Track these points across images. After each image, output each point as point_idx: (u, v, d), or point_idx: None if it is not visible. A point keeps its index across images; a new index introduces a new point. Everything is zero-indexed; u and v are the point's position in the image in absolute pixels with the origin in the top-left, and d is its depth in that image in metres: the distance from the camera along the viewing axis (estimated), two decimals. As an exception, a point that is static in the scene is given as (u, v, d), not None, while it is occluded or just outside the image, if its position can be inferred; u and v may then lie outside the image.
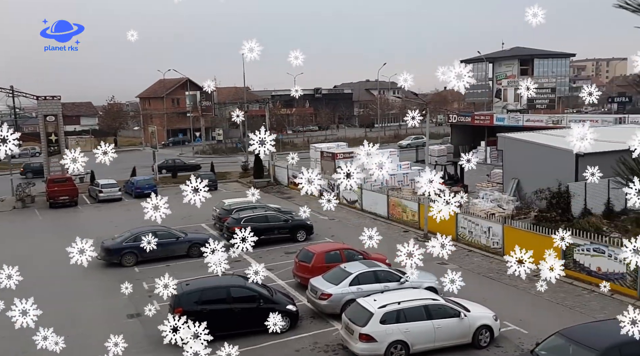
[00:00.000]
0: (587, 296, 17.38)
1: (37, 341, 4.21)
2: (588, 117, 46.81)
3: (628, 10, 2.30)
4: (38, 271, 20.89)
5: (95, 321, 16.66)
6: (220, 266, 3.41)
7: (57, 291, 19.20)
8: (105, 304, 18.30)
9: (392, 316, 13.63)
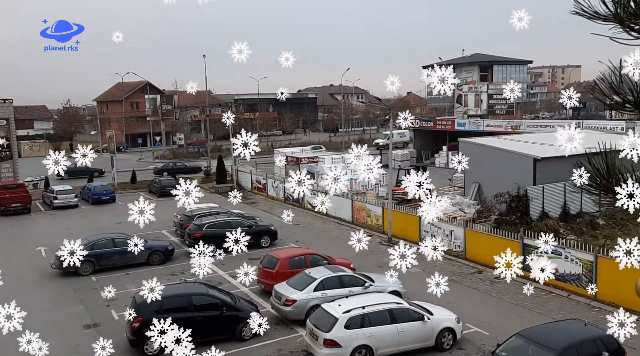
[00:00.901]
0: (546, 297, 17.81)
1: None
2: (545, 123, 48.42)
3: (584, 17, 2.27)
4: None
5: (49, 332, 15.90)
6: (204, 268, 3.25)
7: (9, 302, 18.28)
8: (61, 314, 17.57)
9: (356, 321, 13.60)
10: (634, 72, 2.44)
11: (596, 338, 12.05)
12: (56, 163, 2.96)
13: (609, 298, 16.46)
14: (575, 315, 15.51)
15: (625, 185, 1.89)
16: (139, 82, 76.55)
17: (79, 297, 19.26)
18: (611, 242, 20.69)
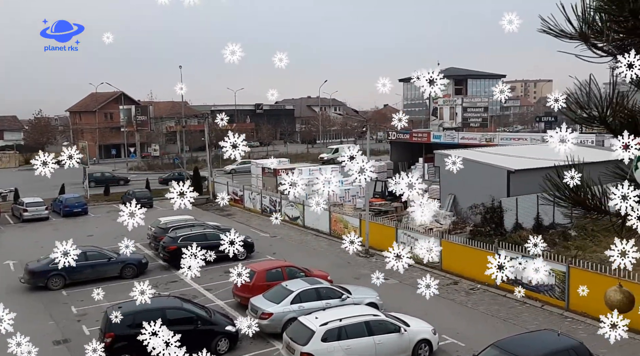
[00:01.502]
0: (520, 307, 18.03)
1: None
2: (518, 136, 49.41)
3: (551, 35, 2.34)
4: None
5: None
6: (193, 270, 3.18)
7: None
8: (30, 330, 16.94)
9: (333, 333, 13.53)
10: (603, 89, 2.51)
11: (569, 348, 12.25)
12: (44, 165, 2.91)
13: (581, 309, 16.75)
14: (548, 325, 15.73)
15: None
16: (113, 93, 75.57)
17: (49, 312, 18.72)
18: (583, 253, 21.13)
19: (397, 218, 28.85)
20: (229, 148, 2.80)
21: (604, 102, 2.45)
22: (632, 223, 2.92)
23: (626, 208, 2.79)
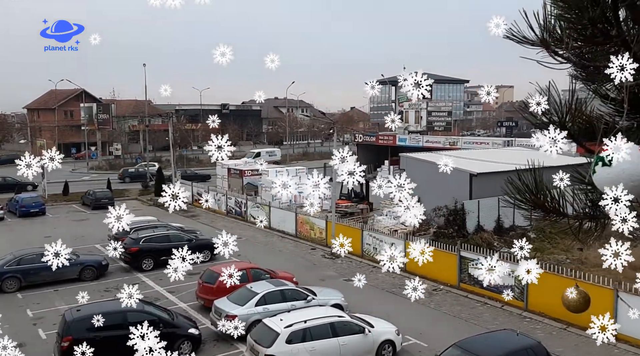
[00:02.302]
0: (481, 308, 18.43)
1: None
2: (480, 140, 50.60)
3: (514, 41, 2.39)
4: None
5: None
6: (178, 272, 3.08)
7: None
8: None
9: (298, 335, 13.51)
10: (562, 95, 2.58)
11: (527, 347, 12.60)
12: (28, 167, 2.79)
13: (539, 309, 17.26)
14: (508, 325, 16.13)
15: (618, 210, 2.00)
16: (73, 90, 73.34)
17: (3, 315, 18.00)
18: (541, 254, 21.78)
19: (363, 219, 29.07)
20: (214, 150, 2.76)
21: (564, 108, 2.52)
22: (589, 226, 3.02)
23: (582, 210, 2.88)
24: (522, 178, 2.83)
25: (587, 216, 2.93)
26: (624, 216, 2.00)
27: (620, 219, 2.00)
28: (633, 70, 2.04)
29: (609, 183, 2.06)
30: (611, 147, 2.02)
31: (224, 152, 2.74)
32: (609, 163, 2.01)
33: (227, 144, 2.74)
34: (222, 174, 41.21)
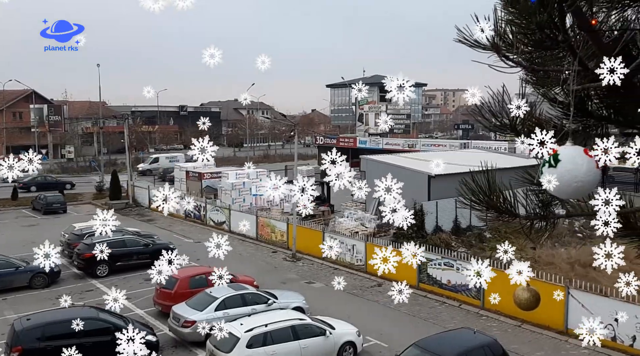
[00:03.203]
0: (439, 307, 18.78)
1: None
2: (438, 142, 51.70)
3: (466, 45, 2.43)
4: None
5: None
6: (162, 275, 2.97)
7: None
8: None
9: (258, 339, 13.39)
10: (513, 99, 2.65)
11: (484, 344, 12.93)
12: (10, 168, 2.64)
13: (495, 307, 17.72)
14: (465, 323, 16.49)
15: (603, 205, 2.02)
16: (23, 91, 70.43)
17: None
18: (496, 253, 22.40)
19: (324, 221, 29.14)
20: (197, 152, 2.69)
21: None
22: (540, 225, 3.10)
23: (533, 210, 2.96)
24: (476, 180, 2.89)
25: (537, 216, 3.02)
26: (606, 219, 2.04)
27: (602, 222, 2.04)
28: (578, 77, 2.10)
29: (555, 183, 2.11)
30: (557, 149, 2.08)
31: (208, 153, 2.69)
32: (555, 164, 2.07)
33: (210, 147, 2.69)
34: (180, 177, 40.47)
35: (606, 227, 2.04)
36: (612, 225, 2.04)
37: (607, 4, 2.68)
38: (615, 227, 2.03)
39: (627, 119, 2.81)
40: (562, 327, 15.96)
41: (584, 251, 20.35)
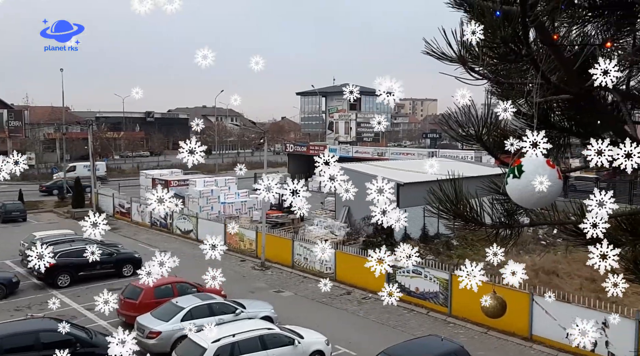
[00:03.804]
0: (408, 315, 18.92)
1: None
2: (407, 150, 52.35)
3: (434, 58, 2.47)
4: None
5: None
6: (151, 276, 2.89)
7: None
8: None
9: (226, 350, 13.19)
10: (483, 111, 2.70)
11: (451, 351, 13.08)
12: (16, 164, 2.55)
13: (462, 314, 17.97)
14: (433, 330, 16.65)
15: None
16: (-19, 95, 68.04)
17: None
18: (463, 261, 22.77)
19: (293, 230, 29.04)
20: (186, 155, 2.64)
21: (480, 122, 2.64)
22: (505, 234, 3.16)
23: (499, 219, 3.02)
24: (443, 189, 2.93)
25: (503, 225, 3.08)
26: (594, 221, 2.07)
27: (590, 225, 2.07)
28: (541, 89, 2.16)
29: (518, 193, 2.16)
30: (521, 160, 2.13)
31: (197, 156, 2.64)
32: (519, 175, 2.11)
33: (200, 151, 2.65)
34: (146, 185, 39.71)
35: (594, 229, 2.07)
36: (600, 227, 2.07)
37: (568, 20, 2.77)
38: (604, 228, 2.06)
39: (587, 130, 2.91)
40: (526, 333, 16.29)
41: (548, 259, 20.89)
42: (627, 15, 2.68)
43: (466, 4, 2.48)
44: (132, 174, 56.77)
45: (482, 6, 2.27)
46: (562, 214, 3.05)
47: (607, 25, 2.77)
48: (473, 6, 2.35)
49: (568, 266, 19.76)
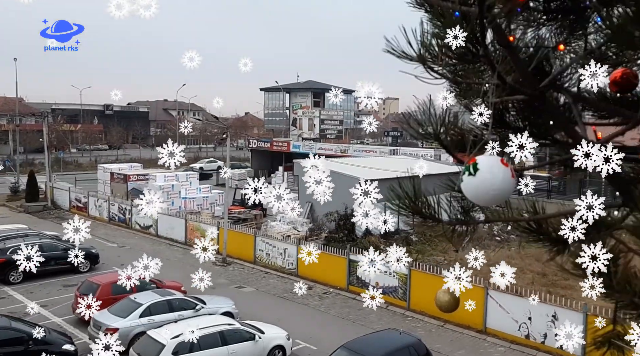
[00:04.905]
0: (367, 309, 19.13)
1: None
2: (369, 148, 52.81)
3: (394, 56, 2.50)
4: None
5: None
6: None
7: None
8: None
9: (185, 346, 13.03)
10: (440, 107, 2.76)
11: (409, 344, 13.34)
12: None
13: (419, 308, 18.34)
14: (392, 324, 16.94)
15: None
16: None
17: None
18: (422, 256, 23.21)
19: (256, 225, 28.88)
20: (165, 156, 2.58)
21: (438, 120, 2.70)
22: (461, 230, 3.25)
23: (455, 216, 3.09)
24: (403, 186, 2.98)
25: (459, 222, 3.16)
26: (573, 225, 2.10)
27: (569, 228, 2.10)
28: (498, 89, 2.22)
29: (473, 191, 2.22)
30: (476, 158, 2.19)
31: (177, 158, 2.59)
32: (474, 173, 2.17)
33: (179, 153, 2.60)
34: (104, 179, 38.65)
35: (573, 232, 2.10)
36: (578, 231, 2.10)
37: (524, 22, 2.86)
38: (583, 229, 2.09)
39: (540, 130, 3.01)
40: (481, 326, 16.79)
41: (501, 254, 21.54)
42: (579, 19, 2.79)
43: (427, 4, 2.53)
44: (90, 168, 55.12)
45: (441, 6, 2.32)
46: (515, 211, 3.15)
47: (561, 29, 2.88)
48: (433, 6, 2.40)
49: (521, 261, 20.44)
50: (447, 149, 2.81)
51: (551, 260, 3.23)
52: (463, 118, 2.85)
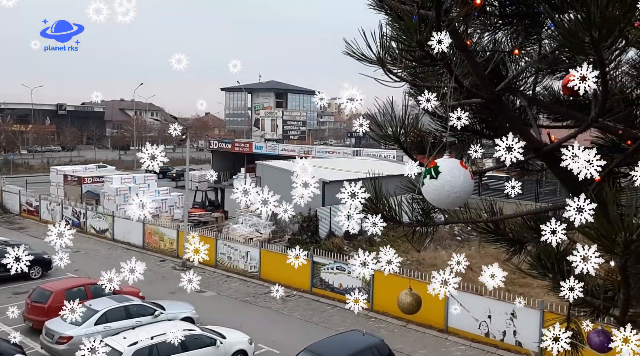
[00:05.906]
0: (331, 311, 19.18)
1: None
2: (332, 149, 53.02)
3: (354, 59, 2.49)
4: None
5: None
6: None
7: None
8: None
9: (143, 353, 12.73)
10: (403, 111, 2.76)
11: (372, 345, 13.43)
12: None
13: (382, 308, 18.49)
14: (355, 325, 17.00)
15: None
16: None
17: None
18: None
19: (217, 228, 28.48)
20: (146, 159, 2.46)
21: (398, 123, 2.70)
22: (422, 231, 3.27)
23: (416, 217, 3.11)
24: (365, 187, 2.97)
25: (420, 223, 3.18)
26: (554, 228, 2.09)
27: (550, 230, 2.10)
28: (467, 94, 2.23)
29: (434, 194, 2.22)
30: (436, 161, 2.19)
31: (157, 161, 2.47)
32: (435, 176, 2.17)
33: (161, 155, 2.49)
34: (57, 181, 37.31)
35: (553, 235, 2.10)
36: (559, 234, 2.09)
37: (480, 27, 2.90)
38: (563, 232, 2.08)
39: (497, 132, 3.06)
40: (442, 326, 17.08)
41: (462, 254, 22.00)
42: (533, 24, 2.84)
43: (387, 7, 2.52)
44: (42, 170, 53.12)
45: (400, 9, 2.32)
46: (474, 212, 3.19)
47: (516, 34, 2.93)
48: (392, 9, 2.39)
49: (481, 260, 20.91)
50: (406, 151, 2.81)
51: (508, 260, 3.28)
52: (422, 120, 2.86)
